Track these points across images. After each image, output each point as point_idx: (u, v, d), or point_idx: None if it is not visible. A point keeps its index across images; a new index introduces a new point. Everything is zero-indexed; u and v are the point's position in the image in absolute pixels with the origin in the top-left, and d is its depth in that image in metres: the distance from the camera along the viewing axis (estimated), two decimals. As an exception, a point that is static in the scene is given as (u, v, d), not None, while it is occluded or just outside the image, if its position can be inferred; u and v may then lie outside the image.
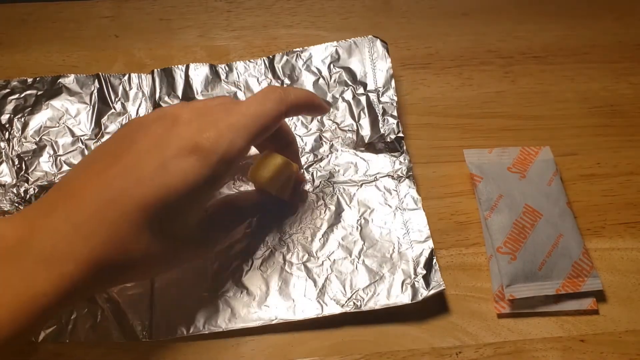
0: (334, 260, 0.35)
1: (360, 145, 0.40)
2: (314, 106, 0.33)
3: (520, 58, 0.46)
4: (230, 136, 0.27)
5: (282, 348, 0.33)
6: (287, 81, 0.42)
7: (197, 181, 0.26)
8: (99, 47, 0.46)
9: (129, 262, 0.26)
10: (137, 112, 0.41)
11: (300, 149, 0.39)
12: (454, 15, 0.49)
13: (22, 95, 0.41)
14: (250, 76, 0.43)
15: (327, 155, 0.40)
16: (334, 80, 0.42)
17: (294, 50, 0.43)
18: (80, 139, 0.39)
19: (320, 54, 0.43)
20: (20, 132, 0.39)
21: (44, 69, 0.45)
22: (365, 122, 0.40)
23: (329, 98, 0.42)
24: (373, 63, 0.42)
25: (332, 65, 0.43)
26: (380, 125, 0.40)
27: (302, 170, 0.39)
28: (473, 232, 0.38)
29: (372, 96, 0.41)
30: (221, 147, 0.27)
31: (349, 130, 0.40)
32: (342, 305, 0.34)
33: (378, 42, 0.43)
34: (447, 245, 0.37)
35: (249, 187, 0.38)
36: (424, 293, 0.34)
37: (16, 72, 0.44)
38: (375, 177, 0.39)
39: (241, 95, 0.42)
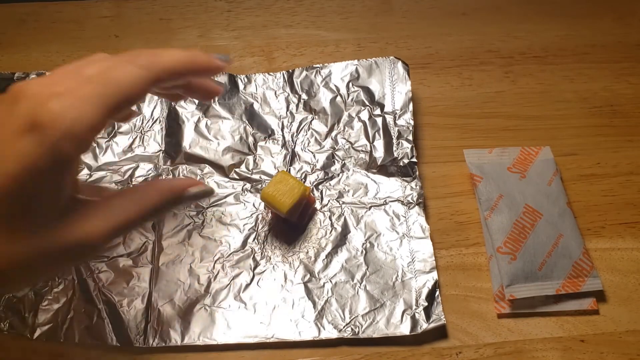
0: (336, 282, 0.35)
1: (373, 167, 0.39)
2: (196, 70, 0.26)
3: (520, 58, 0.46)
4: (78, 108, 0.22)
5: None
6: (304, 96, 0.42)
7: (37, 163, 0.21)
8: (99, 47, 0.46)
9: None
10: (151, 114, 0.41)
11: (311, 166, 0.39)
12: (453, 15, 0.49)
13: None
14: (268, 89, 0.42)
15: (338, 174, 0.39)
16: (352, 99, 0.42)
17: (314, 66, 0.43)
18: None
19: (340, 71, 0.43)
20: None
21: (44, 69, 0.44)
22: (379, 143, 0.40)
23: (345, 116, 0.41)
24: (392, 85, 0.42)
25: (350, 84, 0.42)
26: (394, 149, 0.39)
27: (311, 189, 0.38)
28: (473, 232, 0.38)
29: (389, 118, 0.41)
30: (64, 120, 0.22)
31: (362, 150, 0.40)
32: (340, 330, 0.33)
33: (399, 64, 0.42)
34: (447, 246, 0.37)
35: (256, 199, 0.38)
36: (423, 325, 0.33)
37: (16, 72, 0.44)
38: (385, 200, 0.38)
39: (257, 107, 0.42)
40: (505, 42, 0.47)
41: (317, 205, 0.38)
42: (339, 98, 0.42)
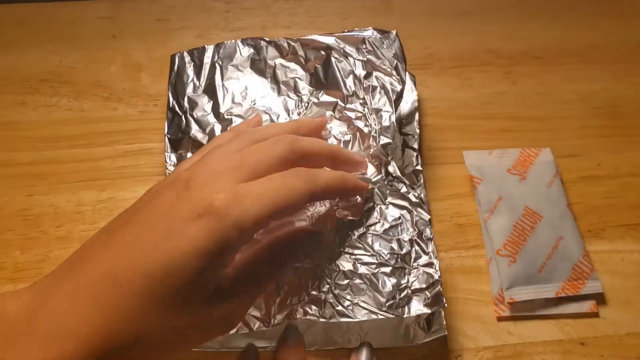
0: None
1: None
2: (347, 190, 0.31)
3: (520, 58, 0.46)
4: (246, 203, 0.24)
5: None
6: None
7: (208, 246, 0.23)
8: (96, 48, 0.46)
9: (137, 340, 0.23)
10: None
11: None
12: (453, 15, 0.49)
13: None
14: None
15: None
16: None
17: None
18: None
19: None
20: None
21: (41, 70, 0.44)
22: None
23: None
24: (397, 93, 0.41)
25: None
26: (399, 157, 0.38)
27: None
28: (473, 234, 0.38)
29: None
30: (234, 211, 0.24)
31: None
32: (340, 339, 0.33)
33: (407, 74, 0.41)
34: (446, 248, 0.37)
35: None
36: (424, 336, 0.32)
37: (13, 73, 0.44)
38: (387, 207, 0.36)
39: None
40: (505, 42, 0.47)
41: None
42: None
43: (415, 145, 0.39)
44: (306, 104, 0.38)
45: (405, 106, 0.41)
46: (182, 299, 0.24)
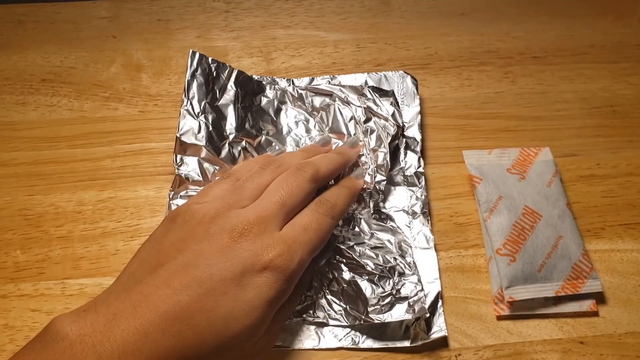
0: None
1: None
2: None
3: (519, 58, 0.46)
4: (298, 255, 0.29)
5: None
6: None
7: (272, 296, 0.27)
8: (97, 48, 0.46)
9: None
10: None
11: None
12: (453, 15, 0.49)
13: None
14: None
15: None
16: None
17: (324, 77, 0.43)
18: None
19: (349, 83, 0.42)
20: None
21: (42, 70, 0.44)
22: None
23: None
24: (401, 99, 0.42)
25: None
26: (401, 159, 0.39)
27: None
28: (472, 233, 0.38)
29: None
30: (292, 265, 0.28)
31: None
32: (340, 340, 0.33)
33: (408, 79, 0.42)
34: (446, 247, 0.37)
35: None
36: (424, 337, 0.33)
37: (13, 73, 0.44)
38: (390, 210, 0.38)
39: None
40: (504, 42, 0.47)
41: None
42: None
43: (418, 149, 0.40)
44: (313, 139, 0.40)
45: (408, 111, 0.41)
46: (240, 340, 0.27)
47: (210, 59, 0.40)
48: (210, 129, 0.38)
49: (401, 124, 0.39)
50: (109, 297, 0.26)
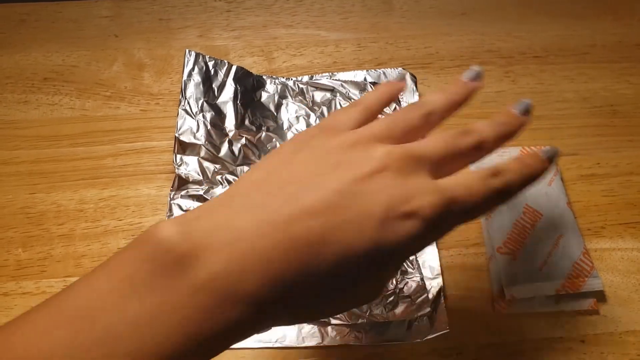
0: None
1: None
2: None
3: (520, 58, 0.46)
4: (441, 202, 0.24)
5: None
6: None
7: (409, 246, 0.24)
8: (98, 47, 0.46)
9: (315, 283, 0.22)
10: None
11: None
12: (453, 15, 0.49)
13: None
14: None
15: None
16: None
17: (323, 74, 0.43)
18: None
19: (348, 80, 0.43)
20: None
21: (44, 69, 0.45)
22: None
23: None
24: (400, 96, 0.41)
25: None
26: None
27: None
28: (473, 232, 0.38)
29: None
30: (436, 214, 0.24)
31: None
32: (343, 337, 0.33)
33: (407, 76, 0.43)
34: (447, 246, 0.37)
35: None
36: (426, 334, 0.33)
37: (15, 72, 0.44)
38: None
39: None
40: (505, 42, 0.47)
41: None
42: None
43: None
44: None
45: None
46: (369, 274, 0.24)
47: (207, 57, 0.40)
48: (209, 127, 0.39)
49: None
50: (213, 207, 0.23)
